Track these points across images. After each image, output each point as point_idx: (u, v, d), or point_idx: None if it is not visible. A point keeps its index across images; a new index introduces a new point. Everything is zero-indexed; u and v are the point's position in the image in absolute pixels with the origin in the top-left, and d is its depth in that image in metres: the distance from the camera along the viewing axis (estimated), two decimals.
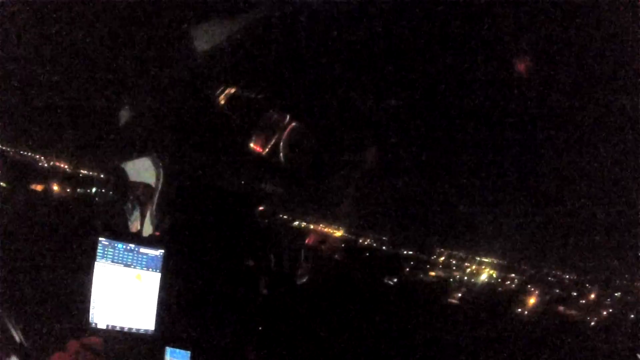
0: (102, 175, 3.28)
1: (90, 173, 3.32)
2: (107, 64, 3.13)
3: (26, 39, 2.85)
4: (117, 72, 3.17)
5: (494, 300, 4.21)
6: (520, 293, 4.23)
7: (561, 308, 4.23)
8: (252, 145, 3.44)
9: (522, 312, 4.25)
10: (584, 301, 4.15)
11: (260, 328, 3.14)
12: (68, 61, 3.05)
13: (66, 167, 3.34)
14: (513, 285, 4.28)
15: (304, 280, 3.58)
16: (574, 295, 4.20)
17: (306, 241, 3.77)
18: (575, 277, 4.20)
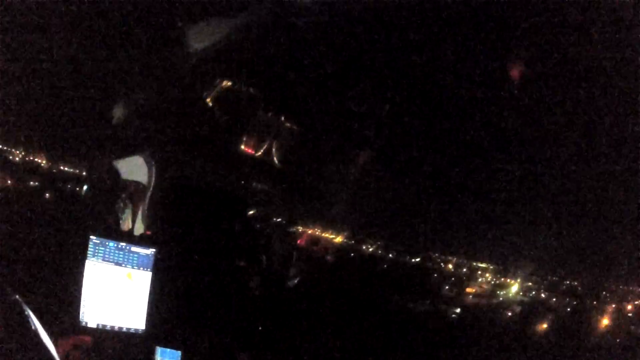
0: (93, 173, 3.25)
1: (82, 171, 3.30)
2: (102, 63, 3.11)
3: (19, 36, 2.83)
4: (111, 70, 3.15)
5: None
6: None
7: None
8: (243, 147, 3.45)
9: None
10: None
11: (253, 329, 3.13)
12: (62, 60, 3.03)
13: (58, 165, 3.30)
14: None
15: (296, 281, 3.59)
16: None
17: (298, 242, 3.78)
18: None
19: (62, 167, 3.33)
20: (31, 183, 3.07)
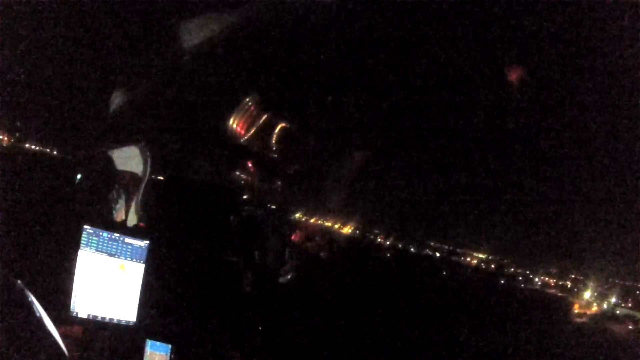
0: (88, 162, 3.21)
1: (77, 159, 3.26)
2: (100, 54, 3.09)
3: (20, 25, 2.79)
4: (110, 61, 3.13)
5: None
6: None
7: None
8: (233, 127, 3.43)
9: None
10: None
11: (245, 324, 3.12)
12: (61, 48, 3.00)
13: (53, 152, 3.26)
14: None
15: (288, 277, 3.58)
16: None
17: (292, 238, 3.77)
18: None
19: (57, 155, 3.29)
20: (24, 171, 3.02)
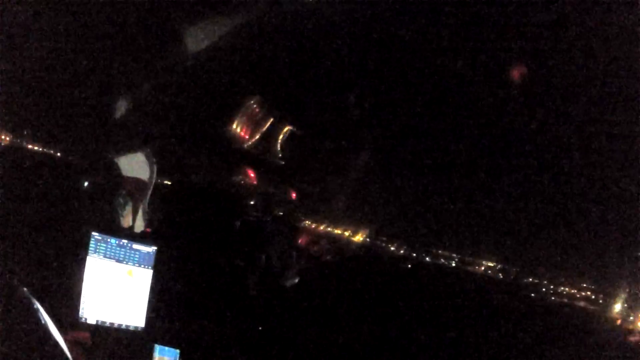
0: (95, 168, 3.24)
1: (84, 164, 3.29)
2: (105, 60, 3.11)
3: (25, 30, 2.82)
4: (116, 68, 3.15)
5: None
6: None
7: None
8: (238, 131, 3.44)
9: None
10: None
11: (252, 328, 3.13)
12: (66, 54, 3.03)
13: (57, 155, 3.29)
14: None
15: (295, 281, 3.59)
16: None
17: (298, 242, 3.77)
18: None
19: (63, 160, 3.32)
20: (31, 175, 3.05)
